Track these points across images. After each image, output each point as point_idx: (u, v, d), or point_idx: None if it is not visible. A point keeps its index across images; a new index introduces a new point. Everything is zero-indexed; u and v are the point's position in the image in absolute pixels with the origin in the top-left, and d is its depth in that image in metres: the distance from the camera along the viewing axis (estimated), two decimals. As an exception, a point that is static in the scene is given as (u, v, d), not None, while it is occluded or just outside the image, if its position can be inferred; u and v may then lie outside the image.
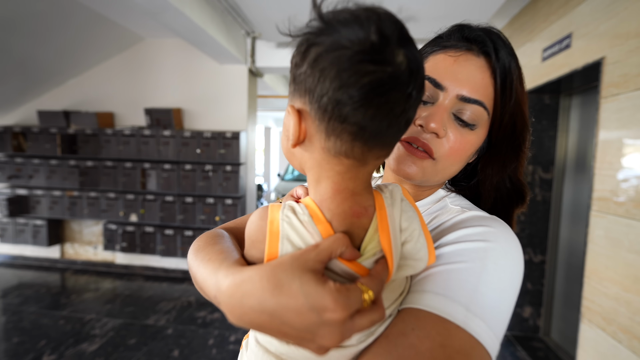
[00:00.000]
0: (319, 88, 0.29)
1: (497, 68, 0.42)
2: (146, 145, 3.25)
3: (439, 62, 0.43)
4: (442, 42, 0.45)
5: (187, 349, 2.19)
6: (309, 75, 0.29)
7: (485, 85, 0.42)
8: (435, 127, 0.41)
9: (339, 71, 0.27)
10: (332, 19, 0.30)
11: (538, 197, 2.41)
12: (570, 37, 1.83)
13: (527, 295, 2.47)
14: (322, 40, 0.29)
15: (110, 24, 2.92)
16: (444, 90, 0.42)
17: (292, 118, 0.32)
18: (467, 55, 0.43)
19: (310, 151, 0.33)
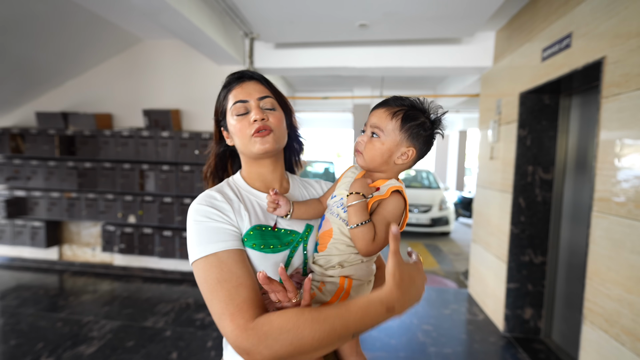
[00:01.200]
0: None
1: (261, 79, 0.74)
2: (144, 146, 3.23)
3: (236, 93, 0.71)
4: (228, 86, 0.73)
5: (185, 351, 2.17)
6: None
7: (262, 88, 0.72)
8: (259, 117, 0.68)
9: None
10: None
11: (538, 198, 2.40)
12: (570, 36, 1.82)
13: (528, 297, 2.46)
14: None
15: (109, 25, 2.91)
16: (248, 102, 0.70)
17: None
18: (244, 82, 0.72)
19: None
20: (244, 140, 0.69)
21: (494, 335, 2.50)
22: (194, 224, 0.62)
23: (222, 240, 0.60)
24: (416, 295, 0.56)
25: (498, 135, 2.72)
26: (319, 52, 3.14)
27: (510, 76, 2.56)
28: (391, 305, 0.52)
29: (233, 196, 0.68)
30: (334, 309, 0.52)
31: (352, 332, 0.52)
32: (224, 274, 0.56)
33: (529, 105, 2.36)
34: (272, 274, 0.63)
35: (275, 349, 0.50)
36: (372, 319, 0.52)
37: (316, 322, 0.51)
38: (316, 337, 0.50)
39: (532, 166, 2.39)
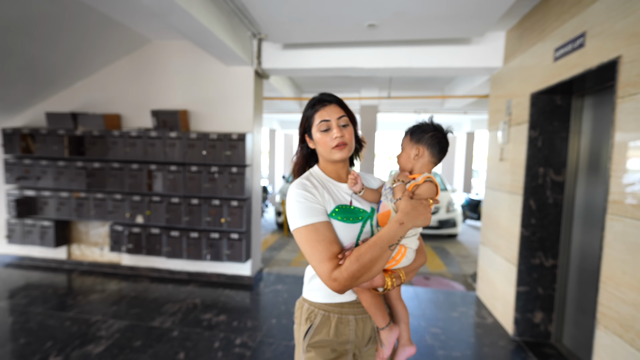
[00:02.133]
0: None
1: (338, 102, 0.98)
2: (152, 146, 3.25)
3: (322, 114, 0.96)
4: (314, 108, 0.97)
5: (192, 352, 2.17)
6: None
7: (339, 110, 0.97)
8: (339, 134, 0.94)
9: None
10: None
11: (549, 200, 2.36)
12: (584, 36, 1.79)
13: (538, 300, 2.42)
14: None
15: (118, 26, 2.93)
16: (330, 121, 0.95)
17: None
18: (326, 106, 0.96)
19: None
20: (327, 149, 0.95)
21: (503, 338, 2.46)
22: (296, 203, 0.89)
23: (316, 215, 0.88)
24: (420, 216, 0.85)
25: (508, 137, 2.68)
26: (327, 52, 3.13)
27: (521, 76, 2.53)
28: (400, 221, 0.84)
29: (317, 183, 0.95)
30: (374, 237, 0.85)
31: (386, 243, 0.83)
32: (320, 236, 0.86)
33: (541, 106, 2.32)
34: (351, 238, 0.92)
35: (351, 270, 0.81)
36: (394, 232, 0.84)
37: (367, 246, 0.83)
38: (369, 253, 0.82)
39: (544, 168, 2.35)
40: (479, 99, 4.92)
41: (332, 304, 0.96)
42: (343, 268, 0.81)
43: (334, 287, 0.81)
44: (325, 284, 0.83)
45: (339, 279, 0.80)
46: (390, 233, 0.84)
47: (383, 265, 0.84)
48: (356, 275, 0.80)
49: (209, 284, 3.36)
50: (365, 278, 0.82)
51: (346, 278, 0.80)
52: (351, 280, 0.80)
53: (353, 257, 0.81)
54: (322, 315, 0.96)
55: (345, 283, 0.80)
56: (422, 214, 0.86)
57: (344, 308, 0.96)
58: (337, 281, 0.80)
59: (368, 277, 0.82)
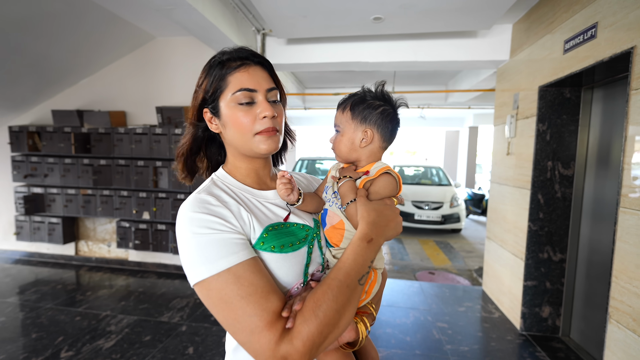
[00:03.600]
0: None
1: (265, 65, 0.66)
2: (158, 143, 3.26)
3: (241, 78, 0.62)
4: (229, 65, 0.63)
5: (201, 346, 2.19)
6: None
7: (268, 78, 0.65)
8: (270, 114, 0.62)
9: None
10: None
11: (558, 194, 2.35)
12: (595, 27, 1.76)
13: (546, 295, 2.41)
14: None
15: (122, 22, 2.93)
16: (256, 92, 0.62)
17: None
18: (250, 66, 0.63)
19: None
20: (245, 136, 0.61)
21: (510, 333, 2.46)
22: (193, 238, 0.53)
23: (232, 253, 0.53)
24: (390, 224, 0.61)
25: (515, 131, 2.66)
26: (331, 47, 3.11)
27: (529, 69, 2.50)
28: (368, 237, 0.58)
29: (228, 198, 0.60)
30: (332, 270, 0.56)
31: (354, 277, 0.55)
32: (244, 289, 0.51)
33: (549, 99, 2.30)
34: (295, 275, 0.60)
35: (309, 335, 0.49)
36: (362, 256, 0.57)
37: (324, 288, 0.54)
38: (332, 300, 0.52)
39: (552, 161, 2.33)
40: (482, 93, 4.87)
41: None
42: (295, 335, 0.49)
43: None
44: None
45: (293, 355, 0.48)
46: (357, 259, 0.56)
47: (353, 314, 0.55)
48: (317, 341, 0.50)
49: (216, 279, 3.38)
50: (330, 340, 0.52)
51: (303, 352, 0.49)
52: (311, 351, 0.49)
53: (308, 313, 0.50)
54: None
55: (305, 358, 0.49)
56: (391, 219, 0.61)
57: None
58: (290, 356, 0.48)
59: (334, 338, 0.53)
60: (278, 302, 0.53)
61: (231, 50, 0.64)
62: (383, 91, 0.70)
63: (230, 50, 0.64)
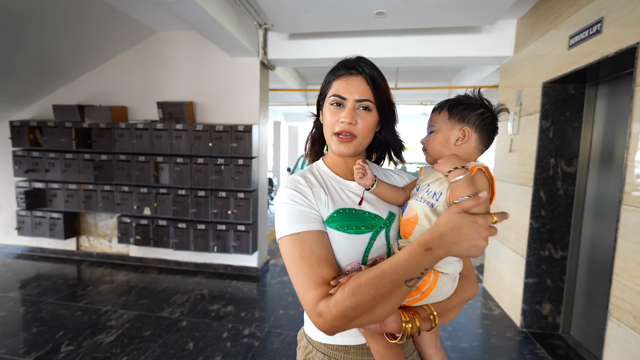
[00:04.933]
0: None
1: (367, 78, 0.71)
2: (159, 138, 3.25)
3: (339, 85, 0.71)
4: (337, 73, 0.73)
5: (201, 342, 2.20)
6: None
7: (366, 89, 0.71)
8: (347, 120, 0.70)
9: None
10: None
11: (560, 191, 2.33)
12: (601, 22, 1.74)
13: (547, 292, 2.41)
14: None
15: (124, 17, 2.91)
16: (346, 100, 0.70)
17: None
18: (351, 76, 0.71)
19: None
20: (327, 133, 0.73)
21: (511, 330, 2.46)
22: (282, 205, 0.69)
23: (303, 222, 0.66)
24: (461, 243, 0.56)
25: (518, 127, 2.64)
26: (334, 42, 3.08)
27: (533, 65, 2.48)
28: (428, 246, 0.57)
29: (315, 181, 0.74)
30: (386, 260, 0.60)
31: (401, 276, 0.57)
32: (305, 252, 0.63)
33: (553, 96, 2.28)
34: (354, 255, 0.68)
35: (343, 307, 0.56)
36: (415, 260, 0.57)
37: (370, 275, 0.58)
38: (372, 288, 0.57)
39: (555, 159, 2.32)
40: (486, 89, 4.84)
41: (333, 346, 0.72)
42: (333, 302, 0.57)
43: (319, 325, 0.58)
44: (309, 317, 0.61)
45: (326, 315, 0.57)
46: (408, 261, 0.57)
47: (393, 308, 0.58)
48: (350, 314, 0.56)
49: (216, 275, 3.39)
50: (364, 321, 0.57)
51: (335, 317, 0.56)
52: (342, 320, 0.56)
53: (348, 289, 0.57)
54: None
55: (334, 323, 0.56)
56: (467, 239, 0.56)
57: (349, 354, 0.71)
58: (322, 317, 0.57)
59: (368, 321, 0.58)
60: (329, 271, 0.62)
61: (345, 60, 0.74)
62: (482, 96, 0.72)
63: (344, 60, 0.74)
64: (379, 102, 0.72)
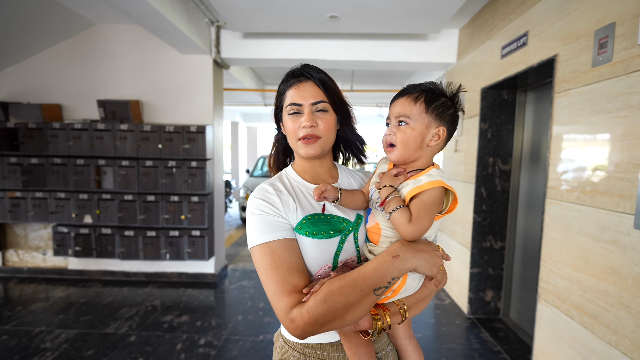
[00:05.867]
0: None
1: (318, 82, 0.75)
2: (100, 140, 3.00)
3: (293, 94, 0.74)
4: (288, 83, 0.76)
5: (152, 356, 2.06)
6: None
7: (317, 92, 0.74)
8: (308, 123, 0.72)
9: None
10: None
11: (498, 188, 2.56)
12: (526, 35, 1.94)
13: (489, 280, 2.63)
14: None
15: (55, 5, 2.63)
16: (302, 105, 0.73)
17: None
18: (301, 83, 0.74)
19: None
20: (292, 140, 0.75)
21: (459, 317, 2.65)
22: (251, 216, 0.70)
23: (272, 231, 0.68)
24: (423, 254, 0.63)
25: (462, 129, 2.85)
26: (289, 43, 3.08)
27: (473, 72, 2.69)
28: (396, 253, 0.62)
29: (283, 188, 0.75)
30: (356, 270, 0.63)
31: (370, 285, 0.61)
32: (276, 261, 0.65)
33: (490, 100, 2.49)
34: (324, 259, 0.70)
35: (314, 314, 0.59)
36: (383, 269, 0.61)
37: (342, 283, 0.61)
38: (343, 296, 0.60)
39: (492, 158, 2.54)
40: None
41: (308, 345, 0.74)
42: (305, 309, 0.60)
43: (291, 330, 0.61)
44: (282, 324, 0.64)
45: (298, 321, 0.60)
46: (377, 270, 0.61)
47: (362, 314, 0.61)
48: (321, 321, 0.59)
49: (170, 284, 3.20)
50: (334, 326, 0.61)
51: (307, 323, 0.59)
52: (314, 326, 0.60)
53: (320, 297, 0.60)
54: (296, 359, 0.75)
55: (306, 329, 0.60)
56: (429, 253, 0.64)
57: (324, 351, 0.74)
58: (295, 323, 0.60)
59: (339, 326, 0.61)
60: (299, 279, 0.65)
61: (292, 70, 0.77)
62: (454, 91, 0.68)
63: (291, 70, 0.77)
64: (333, 102, 0.75)
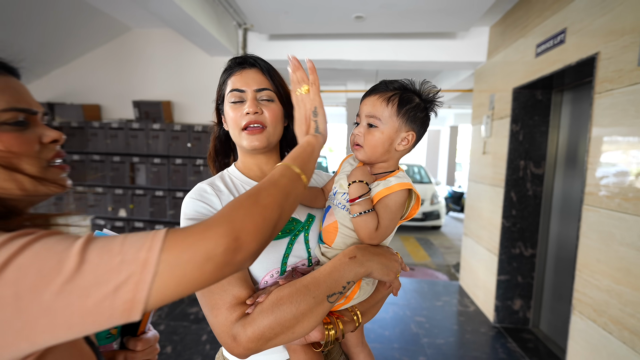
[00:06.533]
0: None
1: (264, 69, 0.69)
2: (135, 138, 3.16)
3: (235, 80, 0.68)
4: (230, 71, 0.70)
5: (180, 345, 2.16)
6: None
7: (262, 79, 0.68)
8: (252, 109, 0.65)
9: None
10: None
11: (529, 192, 2.45)
12: (564, 32, 1.84)
13: (518, 288, 2.52)
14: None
15: (96, 12, 2.80)
16: (245, 92, 0.67)
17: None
18: (244, 70, 0.69)
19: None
20: (235, 131, 0.67)
21: (484, 325, 2.56)
22: (186, 221, 0.62)
23: None
24: (381, 258, 0.60)
25: (491, 131, 2.75)
26: (314, 44, 3.10)
27: (504, 72, 2.59)
28: (352, 254, 0.58)
29: (224, 188, 0.67)
30: (307, 276, 0.56)
31: (324, 291, 0.54)
32: None
33: (522, 101, 2.39)
34: (270, 263, 0.63)
35: (260, 327, 0.51)
36: (338, 272, 0.56)
37: (292, 290, 0.54)
38: (293, 304, 0.53)
39: (524, 161, 2.43)
40: (462, 93, 5.00)
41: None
42: (249, 321, 0.52)
43: (231, 349, 0.52)
44: (220, 341, 0.54)
45: (240, 337, 0.51)
46: (332, 273, 0.56)
47: (313, 325, 0.55)
48: (267, 335, 0.51)
49: (195, 278, 3.33)
50: (282, 340, 0.53)
51: (250, 338, 0.51)
52: (258, 342, 0.51)
53: (267, 306, 0.52)
54: None
55: (249, 345, 0.51)
56: (387, 257, 0.61)
57: None
58: (236, 341, 0.51)
59: (286, 340, 0.53)
60: (242, 289, 0.56)
61: (234, 57, 0.72)
62: (430, 92, 0.66)
63: (234, 57, 0.72)
64: (279, 92, 0.69)
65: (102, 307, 0.32)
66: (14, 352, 0.32)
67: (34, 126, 0.47)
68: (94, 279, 0.32)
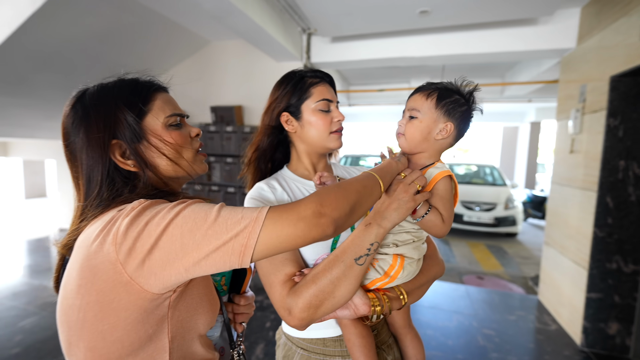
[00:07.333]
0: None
1: (332, 86, 0.83)
2: (211, 140, 3.53)
3: (322, 91, 0.79)
4: (311, 81, 0.79)
5: (246, 329, 2.35)
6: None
7: (333, 93, 0.82)
8: (342, 118, 0.79)
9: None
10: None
11: (632, 197, 2.08)
12: (683, 5, 1.52)
13: (615, 310, 2.16)
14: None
15: (182, 29, 3.21)
16: (332, 102, 0.79)
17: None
18: (324, 83, 0.81)
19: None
20: (322, 134, 0.77)
21: (569, 348, 2.25)
22: None
23: None
24: (389, 207, 0.64)
25: (581, 126, 2.40)
26: (376, 43, 3.08)
27: (599, 58, 2.24)
28: (367, 222, 0.64)
29: (277, 186, 0.77)
30: (337, 248, 0.64)
31: (350, 255, 0.61)
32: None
33: (623, 91, 2.04)
34: (320, 248, 0.71)
35: (306, 297, 0.59)
36: (359, 238, 0.63)
37: (325, 261, 0.62)
38: (328, 271, 0.60)
39: (625, 161, 2.07)
40: (545, 85, 4.44)
41: (312, 340, 0.74)
42: (297, 294, 0.59)
43: (289, 321, 0.60)
44: (281, 316, 0.61)
45: (293, 309, 0.59)
46: (354, 240, 0.62)
47: (351, 289, 0.60)
48: (314, 303, 0.58)
49: (261, 269, 3.57)
50: (328, 307, 0.59)
51: (301, 308, 0.58)
52: (308, 310, 0.58)
53: (309, 277, 0.60)
54: (300, 356, 0.74)
55: (301, 315, 0.58)
56: (402, 203, 0.63)
57: (327, 346, 0.73)
58: (291, 313, 0.59)
59: (332, 306, 0.59)
60: (293, 268, 0.65)
61: (307, 70, 0.81)
62: (469, 91, 0.72)
63: (306, 70, 0.81)
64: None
65: (227, 246, 0.47)
66: (176, 276, 0.48)
67: (184, 125, 0.66)
68: (225, 227, 0.48)
